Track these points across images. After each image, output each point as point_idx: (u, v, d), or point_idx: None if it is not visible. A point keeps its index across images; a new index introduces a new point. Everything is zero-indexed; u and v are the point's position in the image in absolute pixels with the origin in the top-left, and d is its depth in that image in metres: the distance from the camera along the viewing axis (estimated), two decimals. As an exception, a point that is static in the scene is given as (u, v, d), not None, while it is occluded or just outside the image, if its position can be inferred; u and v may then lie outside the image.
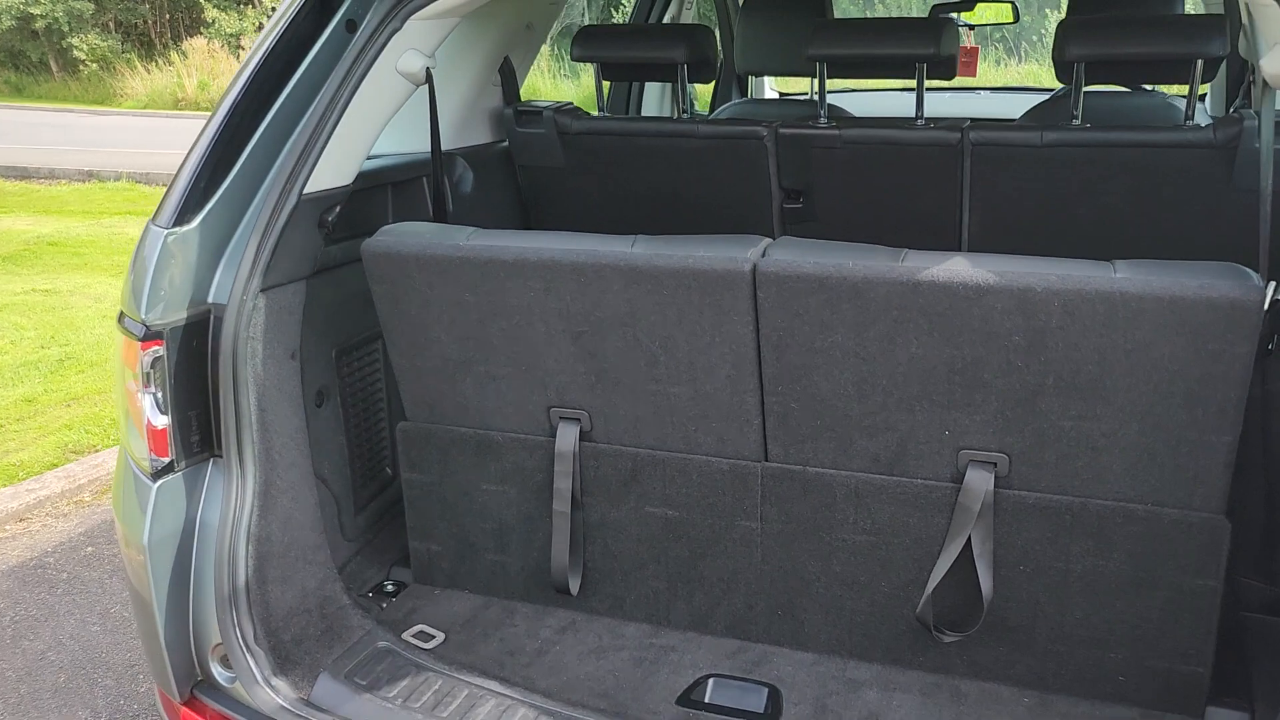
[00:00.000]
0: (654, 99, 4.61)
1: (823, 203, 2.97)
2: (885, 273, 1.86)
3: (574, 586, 2.29)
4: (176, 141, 9.87)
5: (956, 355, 1.87)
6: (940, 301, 1.83)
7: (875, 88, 5.22)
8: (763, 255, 1.95)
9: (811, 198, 2.97)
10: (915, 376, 1.91)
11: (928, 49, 2.68)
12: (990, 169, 2.73)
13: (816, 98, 2.95)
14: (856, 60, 2.78)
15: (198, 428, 2.00)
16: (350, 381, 2.48)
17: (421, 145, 2.68)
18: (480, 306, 2.14)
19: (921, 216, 2.89)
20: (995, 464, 1.93)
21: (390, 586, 2.48)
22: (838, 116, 2.92)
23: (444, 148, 2.81)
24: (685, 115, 3.02)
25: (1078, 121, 2.67)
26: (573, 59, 3.05)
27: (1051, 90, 4.53)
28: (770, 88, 5.72)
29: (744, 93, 5.19)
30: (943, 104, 5.34)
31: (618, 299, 2.03)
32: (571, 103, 3.19)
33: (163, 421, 1.94)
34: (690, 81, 3.16)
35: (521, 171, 3.23)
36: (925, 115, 2.82)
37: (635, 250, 2.01)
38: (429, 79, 2.30)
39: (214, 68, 19.19)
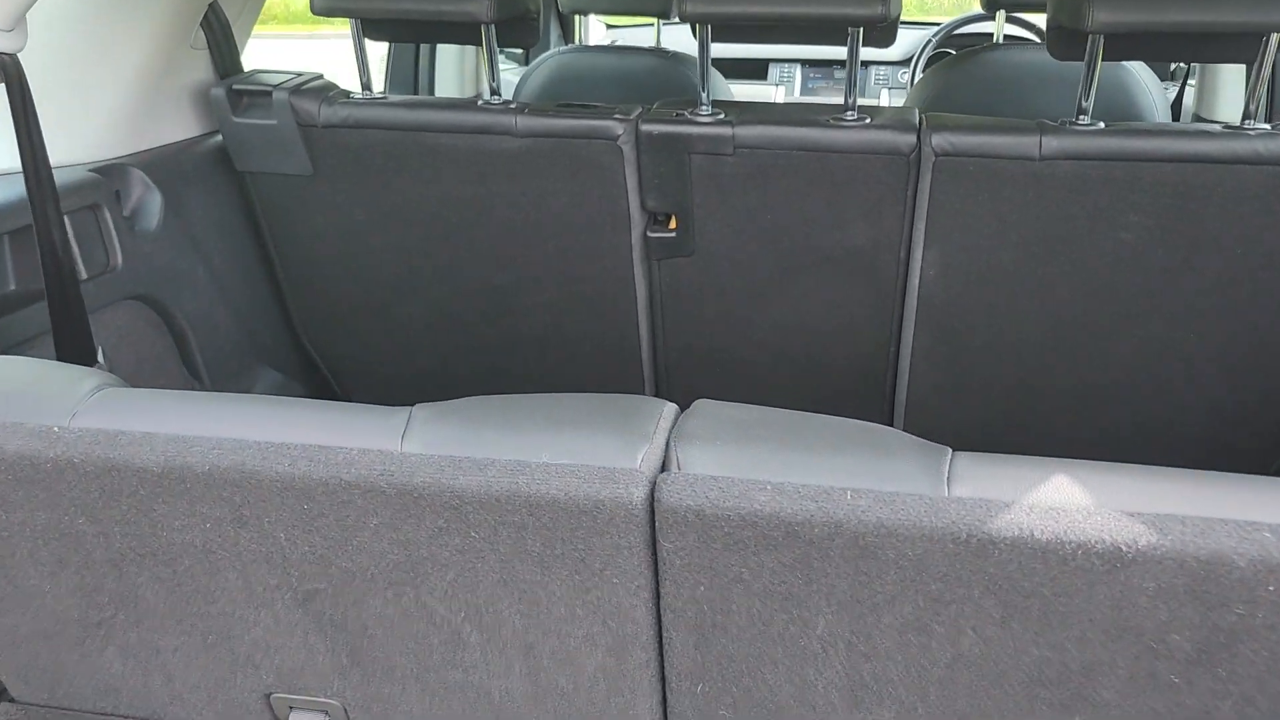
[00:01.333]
0: (455, 72, 3.48)
1: (706, 231, 2.01)
2: (918, 519, 0.92)
3: None
4: None
5: (1050, 659, 0.96)
6: (1026, 575, 0.91)
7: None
8: (661, 469, 0.99)
9: (689, 224, 2.00)
10: (963, 686, 1.00)
11: (872, 7, 1.72)
12: (959, 189, 1.82)
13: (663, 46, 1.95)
14: (758, 22, 1.81)
15: None
16: None
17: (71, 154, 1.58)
18: (111, 542, 1.10)
19: (852, 254, 1.97)
20: None
21: None
22: (727, 105, 1.95)
23: (107, 155, 1.72)
24: (495, 99, 1.99)
25: (1088, 121, 1.78)
26: (313, 11, 1.96)
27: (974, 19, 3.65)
28: (599, 21, 4.67)
29: (568, 37, 4.11)
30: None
31: (382, 540, 1.04)
32: (321, 75, 2.09)
33: None
34: (504, 46, 2.12)
35: (249, 182, 2.13)
36: (857, 104, 1.88)
37: (411, 452, 1.02)
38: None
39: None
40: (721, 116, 1.90)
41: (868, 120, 1.85)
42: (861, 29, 1.80)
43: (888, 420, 2.23)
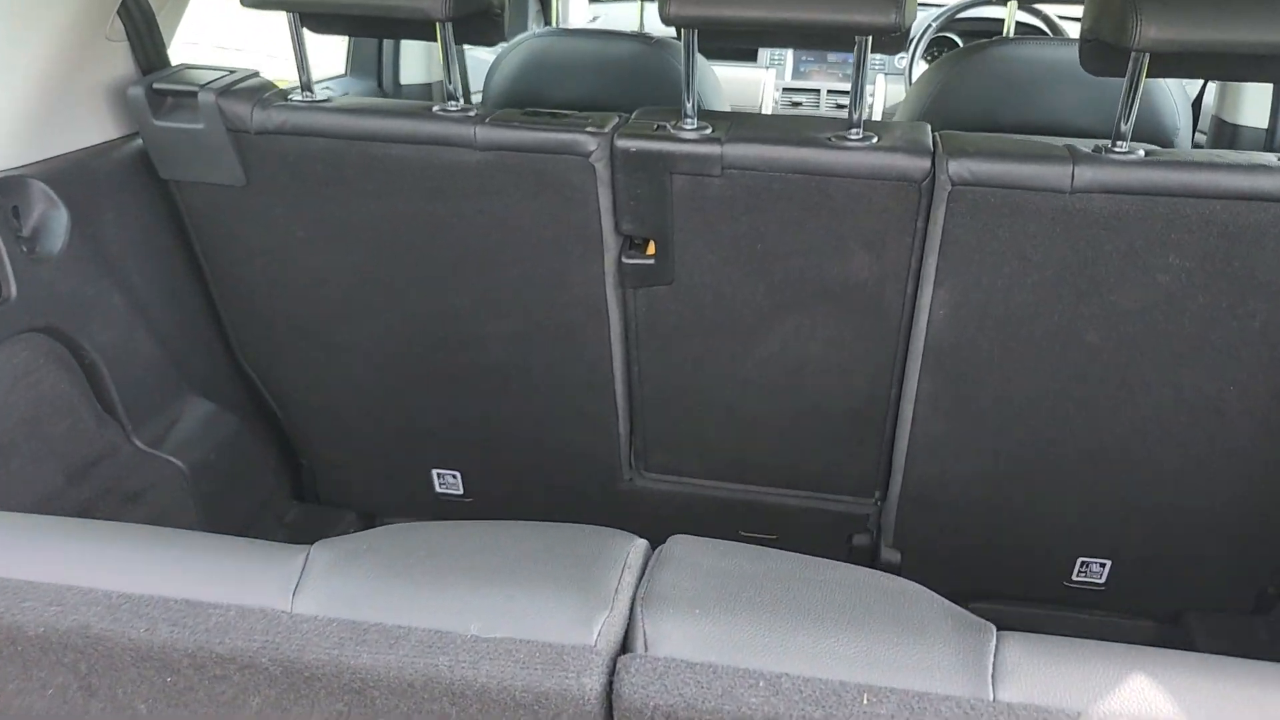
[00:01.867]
0: (422, 56, 3.20)
1: (687, 258, 1.78)
2: None
3: None
4: None
5: None
6: None
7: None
8: (623, 647, 0.78)
9: (669, 251, 1.78)
10: None
11: (884, 14, 1.49)
12: (976, 222, 1.60)
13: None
14: (754, 28, 1.57)
15: None
16: None
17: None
18: None
19: (852, 289, 1.75)
20: None
21: None
22: (715, 117, 1.71)
23: (2, 165, 1.50)
24: (454, 106, 1.75)
25: (1126, 149, 1.56)
26: (242, 3, 1.71)
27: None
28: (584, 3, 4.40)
29: (547, 16, 3.84)
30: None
31: None
32: (257, 72, 1.85)
33: None
34: (464, 42, 1.88)
35: (176, 192, 1.89)
36: (855, 115, 1.65)
37: (304, 613, 0.80)
38: None
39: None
40: (709, 132, 1.67)
41: (875, 140, 1.63)
42: (870, 38, 1.57)
43: (885, 470, 2.02)
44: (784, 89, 4.10)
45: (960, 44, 4.06)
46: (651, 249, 1.81)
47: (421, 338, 1.99)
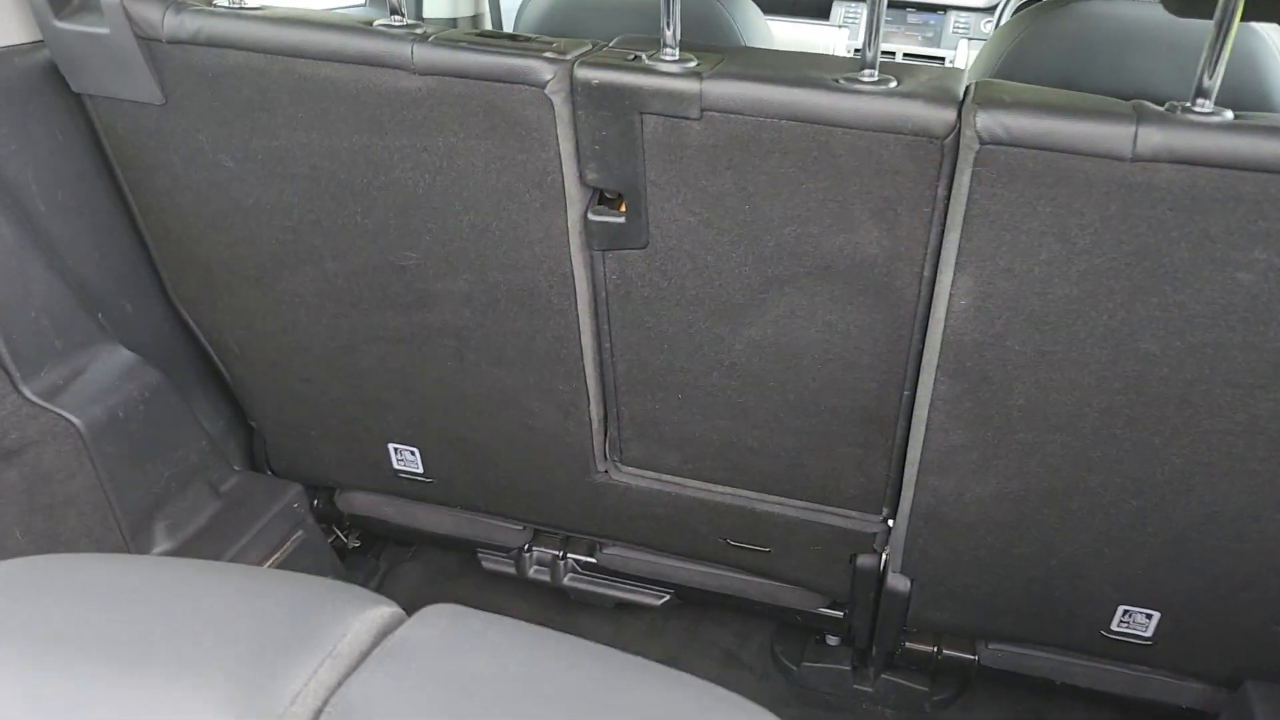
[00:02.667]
0: None
1: (662, 218, 1.49)
2: None
3: None
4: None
5: None
6: None
7: None
8: None
9: (641, 208, 1.49)
10: None
11: None
12: (1010, 192, 1.29)
13: None
14: None
15: None
16: None
17: None
18: None
19: (858, 266, 1.45)
20: None
21: None
22: (703, 51, 1.42)
23: None
24: (397, 20, 1.47)
25: (1209, 108, 1.22)
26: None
27: None
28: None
29: None
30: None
31: None
32: (186, -26, 1.59)
33: None
34: None
35: (91, 108, 1.65)
36: (870, 53, 1.34)
37: None
38: None
39: None
40: (691, 65, 1.37)
41: (892, 84, 1.31)
42: None
43: (896, 483, 1.71)
44: (856, 50, 3.75)
45: None
46: (622, 207, 1.52)
47: (368, 293, 1.73)
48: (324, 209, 1.63)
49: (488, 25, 3.12)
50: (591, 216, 1.52)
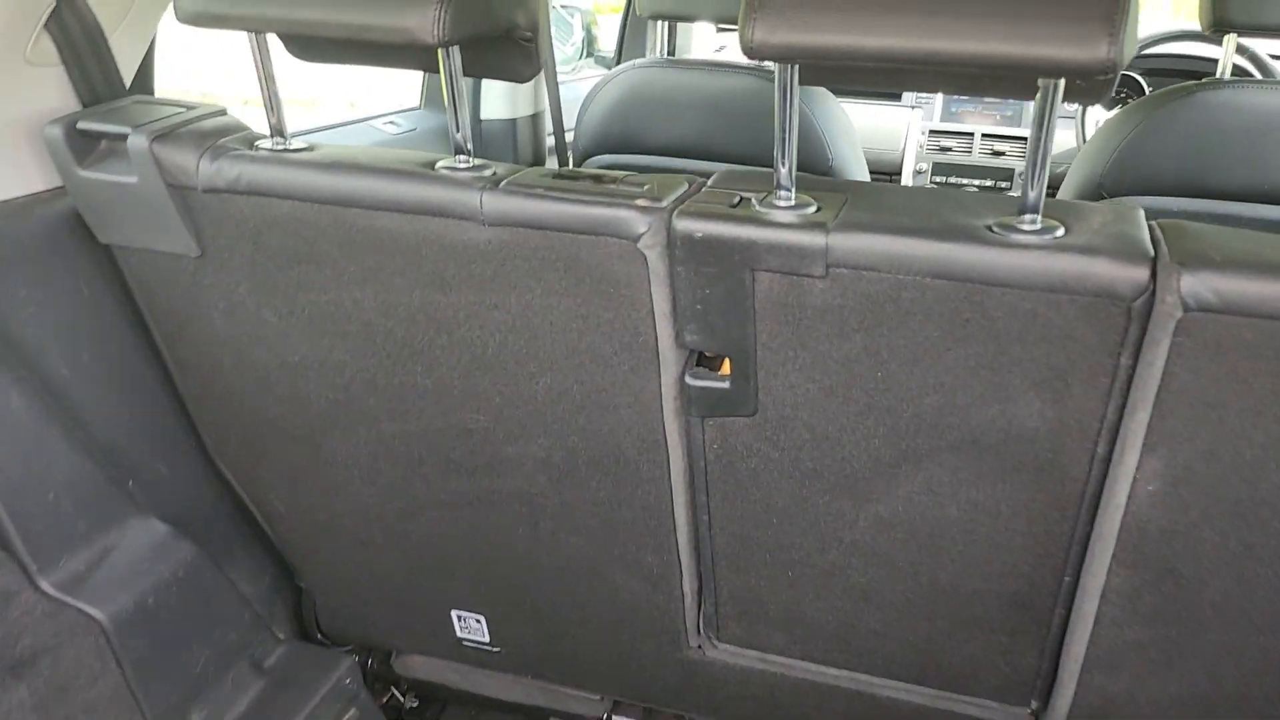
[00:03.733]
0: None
1: (776, 384, 1.26)
2: None
3: None
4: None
5: None
6: None
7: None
8: None
9: (750, 373, 1.26)
10: None
11: (1093, 48, 0.95)
12: (1219, 366, 1.04)
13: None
14: (881, 63, 1.05)
15: None
16: None
17: None
18: None
19: (1015, 441, 1.20)
20: None
21: None
22: (821, 187, 1.20)
23: None
24: (462, 161, 1.27)
25: None
26: (179, 18, 1.28)
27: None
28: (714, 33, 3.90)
29: (671, 46, 3.35)
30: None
31: None
32: (223, 109, 1.42)
33: None
34: (477, 75, 1.41)
35: (120, 260, 1.47)
36: (1032, 195, 1.10)
37: None
38: None
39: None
40: (811, 211, 1.15)
41: (1059, 231, 1.08)
42: (1063, 81, 1.02)
43: (1050, 674, 1.45)
44: (930, 132, 3.52)
45: (1146, 87, 3.42)
46: (727, 367, 1.30)
47: (430, 456, 1.52)
48: (379, 368, 1.43)
49: (548, 124, 2.94)
50: (690, 381, 1.30)
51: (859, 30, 1.00)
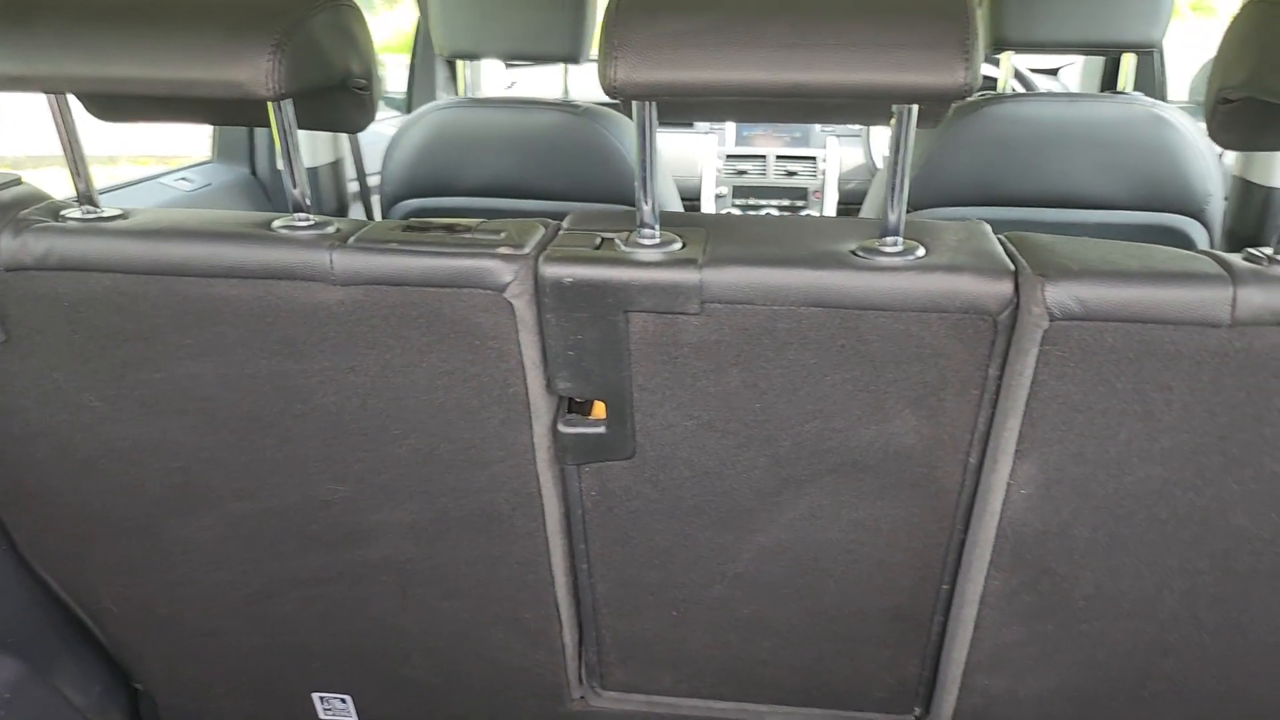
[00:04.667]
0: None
1: (653, 424, 1.24)
2: None
3: None
4: None
5: None
6: None
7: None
8: None
9: (626, 415, 1.23)
10: None
11: (951, 73, 0.97)
12: (1084, 372, 1.09)
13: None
14: (744, 96, 1.04)
15: None
16: None
17: None
18: None
19: (892, 459, 1.22)
20: None
21: None
22: (679, 223, 1.18)
23: None
24: (302, 219, 1.19)
25: None
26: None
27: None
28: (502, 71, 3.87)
29: (457, 86, 3.28)
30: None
31: None
32: (18, 177, 1.29)
33: None
34: (309, 127, 1.33)
35: None
36: (893, 218, 1.13)
37: None
38: None
39: None
40: (677, 248, 1.13)
41: (920, 252, 1.11)
42: (917, 109, 1.05)
43: (931, 681, 1.48)
44: (726, 156, 3.60)
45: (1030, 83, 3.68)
46: (600, 410, 1.27)
47: (285, 534, 1.42)
48: (223, 445, 1.32)
49: (349, 169, 2.84)
50: (563, 429, 1.26)
51: (722, 65, 1.00)
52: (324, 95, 1.22)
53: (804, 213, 3.47)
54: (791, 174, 3.50)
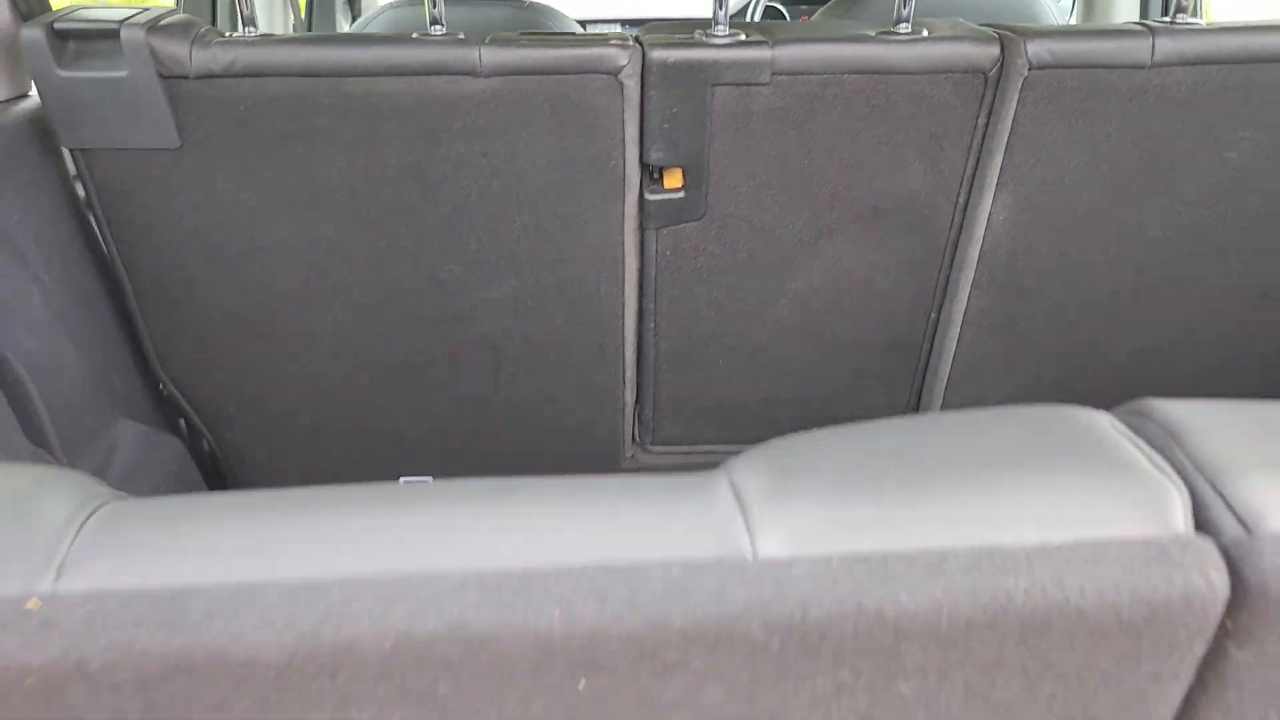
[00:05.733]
0: None
1: (722, 187, 1.59)
2: None
3: None
4: None
5: None
6: None
7: None
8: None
9: (702, 180, 1.58)
10: None
11: None
12: (1051, 112, 1.49)
13: None
14: None
15: None
16: None
17: None
18: None
19: (905, 203, 1.61)
20: None
21: None
22: (761, 26, 1.53)
23: None
24: (437, 30, 1.47)
25: (1192, 19, 1.49)
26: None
27: None
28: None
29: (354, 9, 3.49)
30: None
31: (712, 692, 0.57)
32: (176, 8, 1.51)
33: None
34: None
35: (83, 164, 1.52)
36: (905, 10, 1.51)
37: (773, 556, 0.56)
38: None
39: None
40: (743, 37, 1.48)
41: (924, 33, 1.49)
42: None
43: (915, 402, 1.89)
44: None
45: (786, 14, 4.10)
46: (673, 180, 1.60)
47: (400, 320, 1.69)
48: (359, 235, 1.59)
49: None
50: (649, 196, 1.59)
51: None
52: None
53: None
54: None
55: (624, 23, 4.31)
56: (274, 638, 0.52)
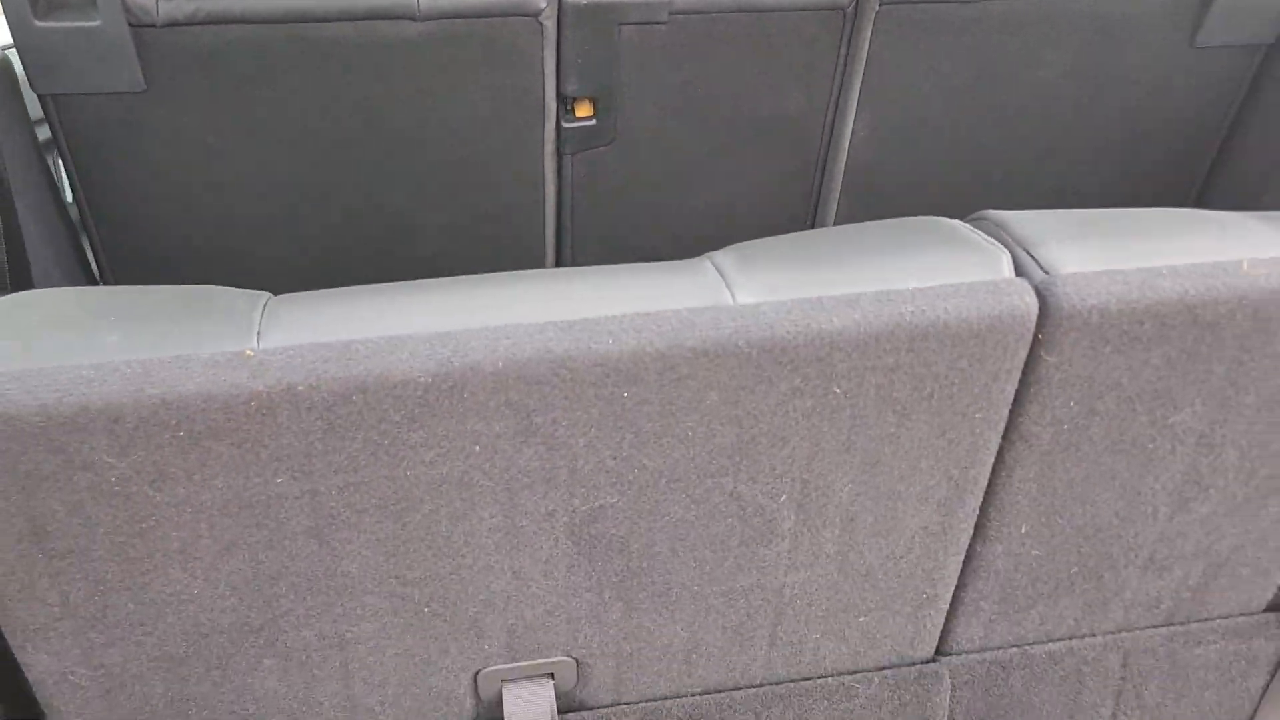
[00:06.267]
0: None
1: (629, 114, 1.84)
2: None
3: None
4: None
5: None
6: None
7: None
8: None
9: (612, 108, 1.83)
10: None
11: None
12: (899, 42, 1.80)
13: None
14: None
15: None
16: None
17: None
18: (322, 503, 0.81)
19: (783, 123, 1.89)
20: None
21: None
22: None
23: None
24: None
25: None
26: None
27: None
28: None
29: None
30: None
31: (712, 420, 0.84)
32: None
33: None
34: None
35: (53, 108, 1.67)
36: None
37: (750, 302, 0.84)
38: None
39: None
40: None
41: None
42: None
43: None
44: None
45: None
46: (584, 110, 1.85)
47: (349, 245, 1.89)
48: (312, 167, 1.78)
49: None
50: (565, 124, 1.83)
51: None
52: None
53: None
54: None
55: None
56: (419, 365, 0.76)
